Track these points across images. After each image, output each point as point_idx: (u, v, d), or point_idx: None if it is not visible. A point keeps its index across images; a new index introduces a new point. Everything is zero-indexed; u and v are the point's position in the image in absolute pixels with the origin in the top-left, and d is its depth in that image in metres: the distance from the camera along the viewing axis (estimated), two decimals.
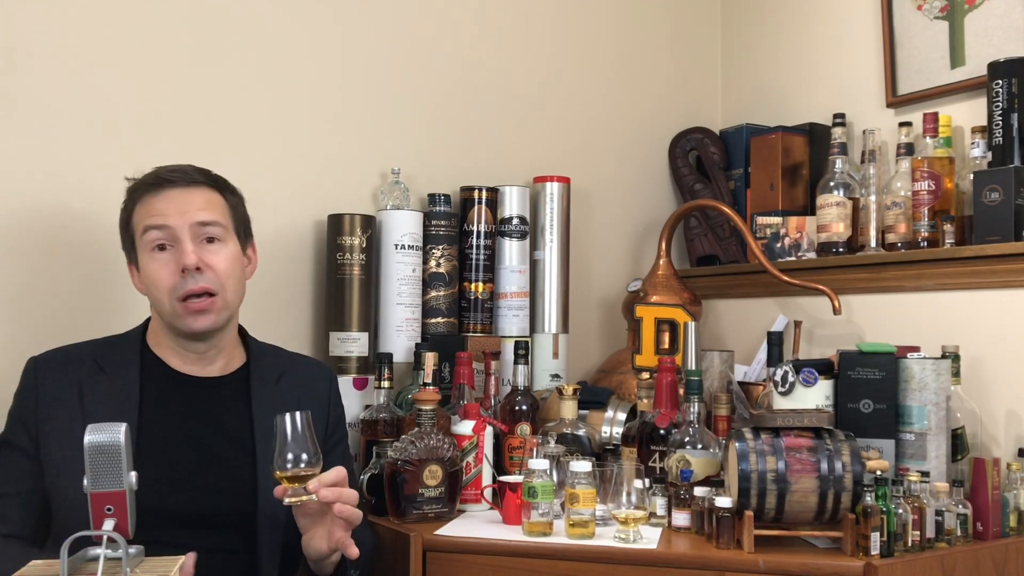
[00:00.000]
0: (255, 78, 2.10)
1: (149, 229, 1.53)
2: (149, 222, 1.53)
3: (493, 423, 1.91)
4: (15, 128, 1.85)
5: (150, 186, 1.56)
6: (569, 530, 1.63)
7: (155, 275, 1.54)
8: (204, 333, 1.57)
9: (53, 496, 1.51)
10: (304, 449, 1.38)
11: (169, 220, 1.53)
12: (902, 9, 2.27)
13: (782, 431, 1.60)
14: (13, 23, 1.85)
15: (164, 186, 1.55)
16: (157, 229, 1.53)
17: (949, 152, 2.08)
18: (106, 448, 1.20)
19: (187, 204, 1.55)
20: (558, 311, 2.36)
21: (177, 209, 1.54)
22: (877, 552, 1.51)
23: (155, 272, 1.54)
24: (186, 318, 1.54)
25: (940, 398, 1.75)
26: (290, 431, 1.38)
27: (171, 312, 1.55)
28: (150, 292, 1.57)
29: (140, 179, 1.59)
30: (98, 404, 1.52)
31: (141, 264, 1.57)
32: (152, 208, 1.54)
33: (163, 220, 1.53)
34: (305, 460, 1.38)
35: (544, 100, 2.52)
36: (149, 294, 1.57)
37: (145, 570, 1.22)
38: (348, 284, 2.10)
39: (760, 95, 2.67)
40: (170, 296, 1.53)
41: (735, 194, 2.59)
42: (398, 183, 2.22)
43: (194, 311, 1.54)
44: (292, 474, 1.38)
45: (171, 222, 1.53)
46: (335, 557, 1.49)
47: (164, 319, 1.58)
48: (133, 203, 1.57)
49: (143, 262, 1.56)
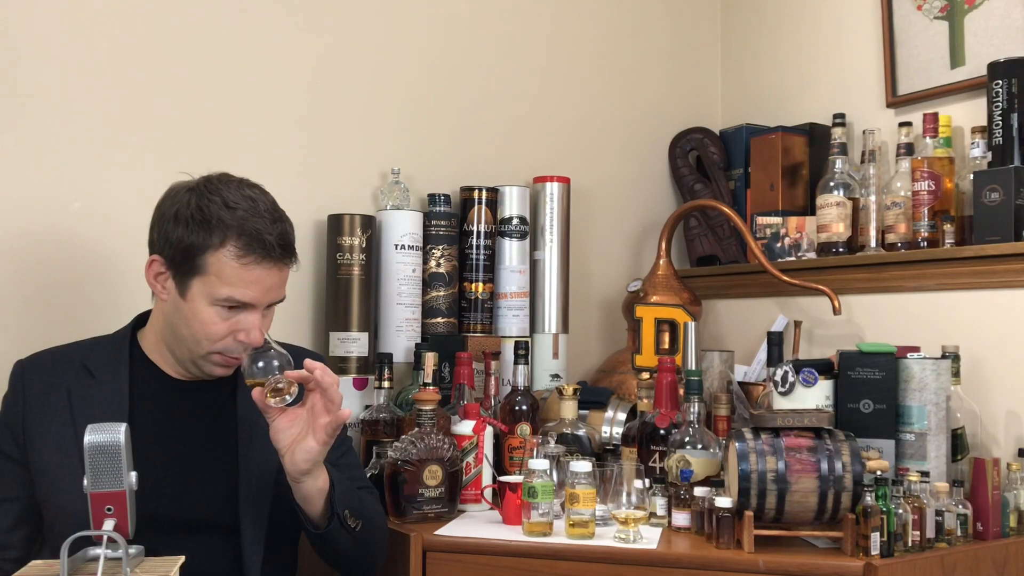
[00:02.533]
0: (255, 78, 2.10)
1: (232, 299, 1.47)
2: (235, 295, 1.46)
3: (493, 423, 1.91)
4: (14, 130, 1.85)
5: (252, 252, 1.46)
6: (569, 530, 1.63)
7: (210, 327, 1.48)
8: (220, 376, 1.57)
9: (43, 501, 1.50)
10: (278, 356, 1.42)
11: (256, 300, 1.48)
12: (902, 9, 2.27)
13: (782, 431, 1.60)
14: (13, 24, 1.85)
15: (266, 261, 1.47)
16: (239, 302, 1.47)
17: (949, 152, 2.08)
18: (106, 448, 1.19)
19: (273, 283, 1.50)
20: (558, 311, 2.36)
21: (265, 289, 1.49)
22: (877, 552, 1.51)
23: (210, 324, 1.48)
24: (213, 367, 1.53)
25: (940, 398, 1.74)
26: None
27: (200, 356, 1.52)
28: (189, 329, 1.49)
29: (234, 217, 1.46)
30: (87, 407, 1.50)
31: (194, 301, 1.48)
32: (244, 279, 1.47)
33: (251, 299, 1.48)
34: (277, 367, 1.41)
35: (544, 100, 2.52)
36: (185, 327, 1.50)
37: (145, 570, 1.22)
38: (348, 284, 2.10)
39: (760, 95, 2.67)
40: (211, 347, 1.50)
41: (735, 194, 2.59)
42: (398, 183, 2.22)
43: (224, 364, 1.53)
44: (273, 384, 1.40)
45: (257, 302, 1.49)
46: (323, 483, 1.46)
47: (180, 350, 1.54)
48: (219, 243, 1.46)
49: (198, 304, 1.48)
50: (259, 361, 1.41)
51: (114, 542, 1.18)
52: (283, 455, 1.43)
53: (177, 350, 1.55)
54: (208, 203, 1.47)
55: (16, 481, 1.52)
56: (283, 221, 1.53)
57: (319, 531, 1.48)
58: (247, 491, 1.53)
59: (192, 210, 1.47)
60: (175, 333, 1.53)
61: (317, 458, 1.43)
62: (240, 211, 1.47)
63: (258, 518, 1.53)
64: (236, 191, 1.49)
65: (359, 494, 1.59)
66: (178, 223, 1.48)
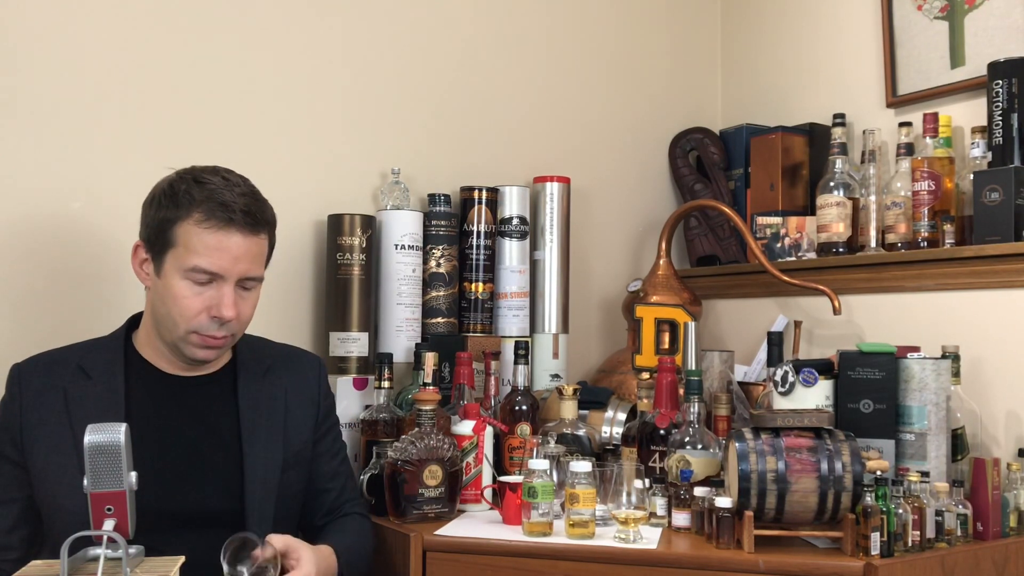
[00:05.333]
0: (256, 79, 2.10)
1: (198, 268, 1.48)
2: (201, 263, 1.47)
3: (493, 423, 1.91)
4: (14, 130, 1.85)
5: (215, 216, 1.47)
6: (569, 530, 1.63)
7: (182, 301, 1.49)
8: (203, 361, 1.57)
9: (42, 502, 1.51)
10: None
11: (223, 270, 1.49)
12: (902, 9, 2.27)
13: (782, 431, 1.60)
14: (13, 25, 1.85)
15: (229, 226, 1.48)
16: (205, 271, 1.49)
17: (949, 152, 2.08)
18: (106, 448, 1.20)
19: (243, 253, 1.50)
20: (558, 311, 2.36)
21: (233, 258, 1.49)
22: (877, 552, 1.51)
23: (183, 299, 1.49)
24: (193, 348, 1.53)
25: (940, 398, 1.74)
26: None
27: (180, 337, 1.52)
28: (165, 307, 1.51)
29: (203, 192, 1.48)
30: (83, 408, 1.50)
31: (167, 277, 1.50)
32: (209, 245, 1.47)
33: (217, 268, 1.48)
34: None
35: (544, 100, 2.52)
36: (162, 306, 1.52)
37: (145, 570, 1.22)
38: (348, 284, 2.10)
39: (760, 95, 2.67)
40: (186, 324, 1.50)
41: (735, 194, 2.59)
42: (398, 183, 2.22)
43: (204, 346, 1.53)
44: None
45: (224, 271, 1.49)
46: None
47: (164, 334, 1.55)
48: (186, 213, 1.48)
49: (171, 279, 1.49)
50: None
51: (114, 542, 1.18)
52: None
53: (162, 335, 1.55)
54: (180, 181, 1.51)
55: (15, 482, 1.52)
56: (254, 196, 1.54)
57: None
58: (252, 484, 1.54)
59: (164, 190, 1.52)
60: (156, 316, 1.55)
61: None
62: (210, 186, 1.50)
63: (263, 512, 1.54)
64: (212, 174, 1.53)
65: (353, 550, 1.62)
66: (152, 204, 1.53)
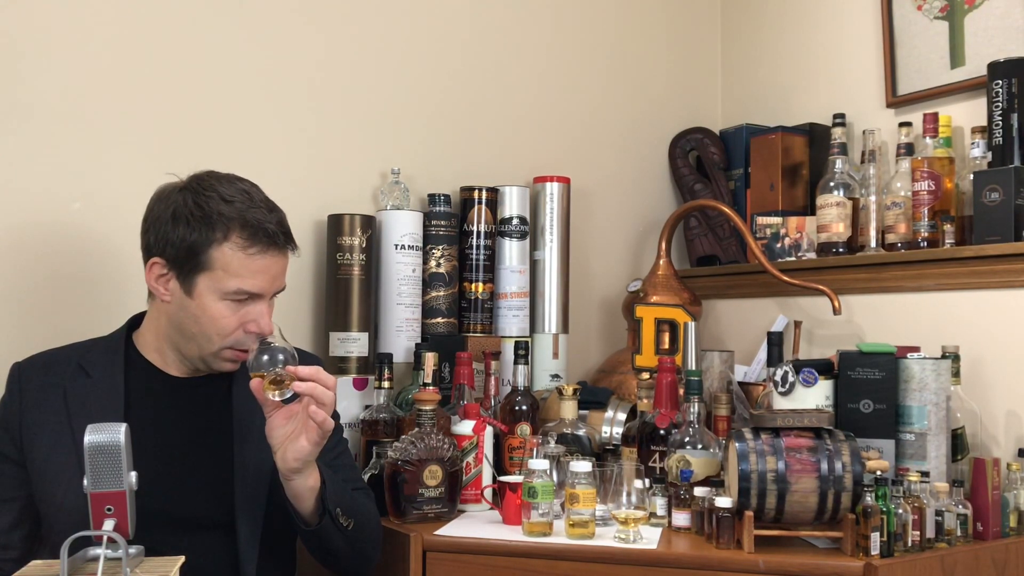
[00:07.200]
0: (256, 78, 2.10)
1: (242, 291, 1.49)
2: (245, 286, 1.49)
3: (493, 423, 1.91)
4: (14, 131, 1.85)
5: (258, 241, 1.49)
6: (569, 530, 1.63)
7: (220, 321, 1.50)
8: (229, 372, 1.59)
9: (42, 501, 1.50)
10: (283, 351, 1.43)
11: (265, 290, 1.52)
12: (902, 9, 2.27)
13: (782, 431, 1.60)
14: (14, 27, 1.85)
15: (270, 249, 1.51)
16: (249, 292, 1.50)
17: (949, 152, 2.08)
18: (106, 448, 1.19)
19: (280, 271, 1.55)
20: (558, 311, 2.36)
21: (271, 277, 1.53)
22: (877, 552, 1.51)
23: (222, 319, 1.50)
24: (224, 362, 1.55)
25: (940, 398, 1.74)
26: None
27: (212, 353, 1.53)
28: (199, 326, 1.51)
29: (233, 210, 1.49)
30: (83, 406, 1.50)
31: (201, 298, 1.49)
32: (252, 269, 1.49)
33: (260, 290, 1.51)
34: (281, 360, 1.42)
35: (544, 100, 2.52)
36: (194, 325, 1.51)
37: (145, 570, 1.22)
38: (348, 284, 2.10)
39: (760, 95, 2.67)
40: (222, 342, 1.52)
41: (735, 194, 2.59)
42: (398, 183, 2.22)
43: (236, 359, 1.55)
44: (273, 375, 1.40)
45: (265, 291, 1.52)
46: (314, 481, 1.47)
47: (189, 349, 1.55)
48: (223, 236, 1.48)
49: (207, 299, 1.49)
50: (265, 354, 1.42)
51: (114, 542, 1.18)
52: (275, 452, 1.45)
53: (186, 349, 1.55)
54: (206, 200, 1.49)
55: (15, 482, 1.52)
56: (278, 210, 1.57)
57: (310, 528, 1.49)
58: (242, 488, 1.53)
59: (191, 208, 1.49)
60: (183, 332, 1.53)
61: (308, 457, 1.44)
62: (237, 203, 1.50)
63: (254, 515, 1.53)
64: (229, 185, 1.53)
65: (352, 494, 1.60)
66: (177, 223, 1.49)
